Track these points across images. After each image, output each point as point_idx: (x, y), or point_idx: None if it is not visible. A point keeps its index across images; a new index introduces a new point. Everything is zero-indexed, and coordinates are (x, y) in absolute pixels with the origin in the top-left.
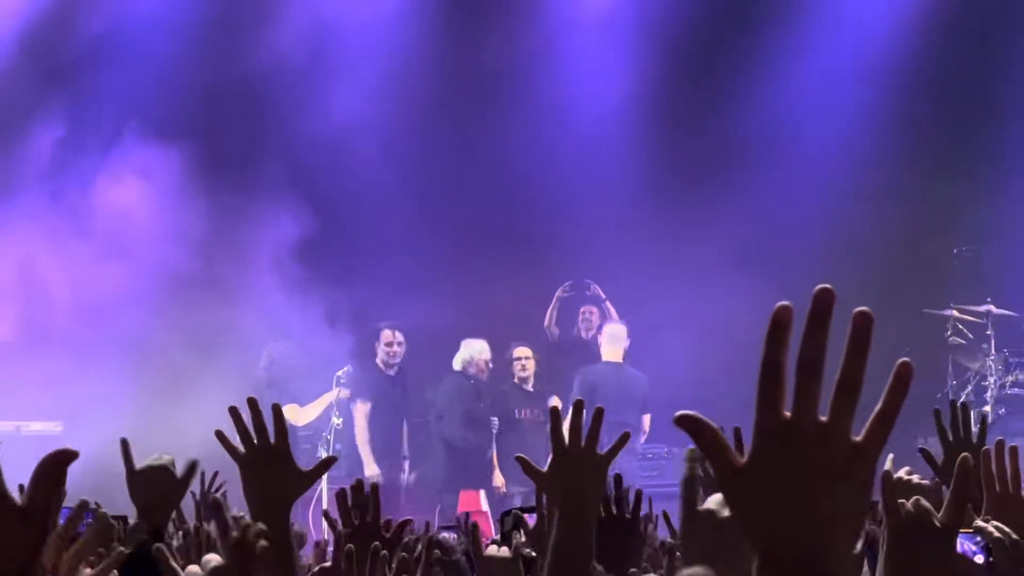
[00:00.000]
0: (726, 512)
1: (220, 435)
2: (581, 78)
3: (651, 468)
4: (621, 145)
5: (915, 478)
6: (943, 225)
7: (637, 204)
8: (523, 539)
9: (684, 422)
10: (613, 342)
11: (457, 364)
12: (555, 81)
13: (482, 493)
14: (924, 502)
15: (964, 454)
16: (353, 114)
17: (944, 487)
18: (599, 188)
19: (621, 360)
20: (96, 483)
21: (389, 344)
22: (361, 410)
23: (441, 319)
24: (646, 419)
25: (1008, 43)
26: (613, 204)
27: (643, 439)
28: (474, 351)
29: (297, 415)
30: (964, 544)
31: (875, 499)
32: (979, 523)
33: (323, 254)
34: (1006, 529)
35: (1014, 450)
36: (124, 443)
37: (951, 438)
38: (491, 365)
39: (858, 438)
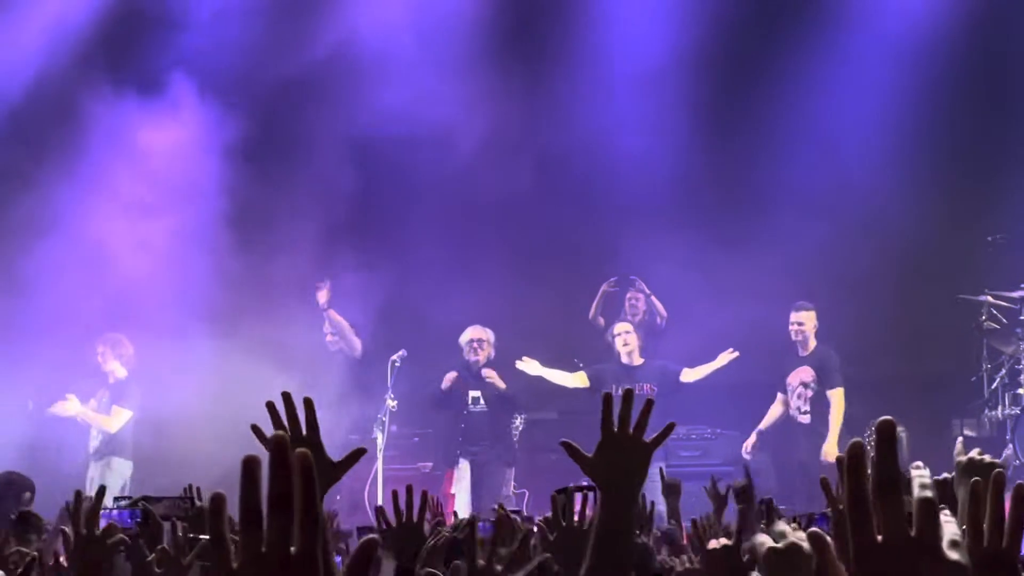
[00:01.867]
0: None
1: (255, 428)
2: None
3: (694, 448)
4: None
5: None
6: (976, 215)
7: (679, 197)
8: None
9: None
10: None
11: None
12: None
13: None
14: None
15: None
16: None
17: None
18: (641, 182)
19: None
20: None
21: None
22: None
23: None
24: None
25: None
26: (655, 196)
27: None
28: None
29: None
30: None
31: None
32: None
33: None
34: None
35: None
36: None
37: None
38: (473, 350)
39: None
